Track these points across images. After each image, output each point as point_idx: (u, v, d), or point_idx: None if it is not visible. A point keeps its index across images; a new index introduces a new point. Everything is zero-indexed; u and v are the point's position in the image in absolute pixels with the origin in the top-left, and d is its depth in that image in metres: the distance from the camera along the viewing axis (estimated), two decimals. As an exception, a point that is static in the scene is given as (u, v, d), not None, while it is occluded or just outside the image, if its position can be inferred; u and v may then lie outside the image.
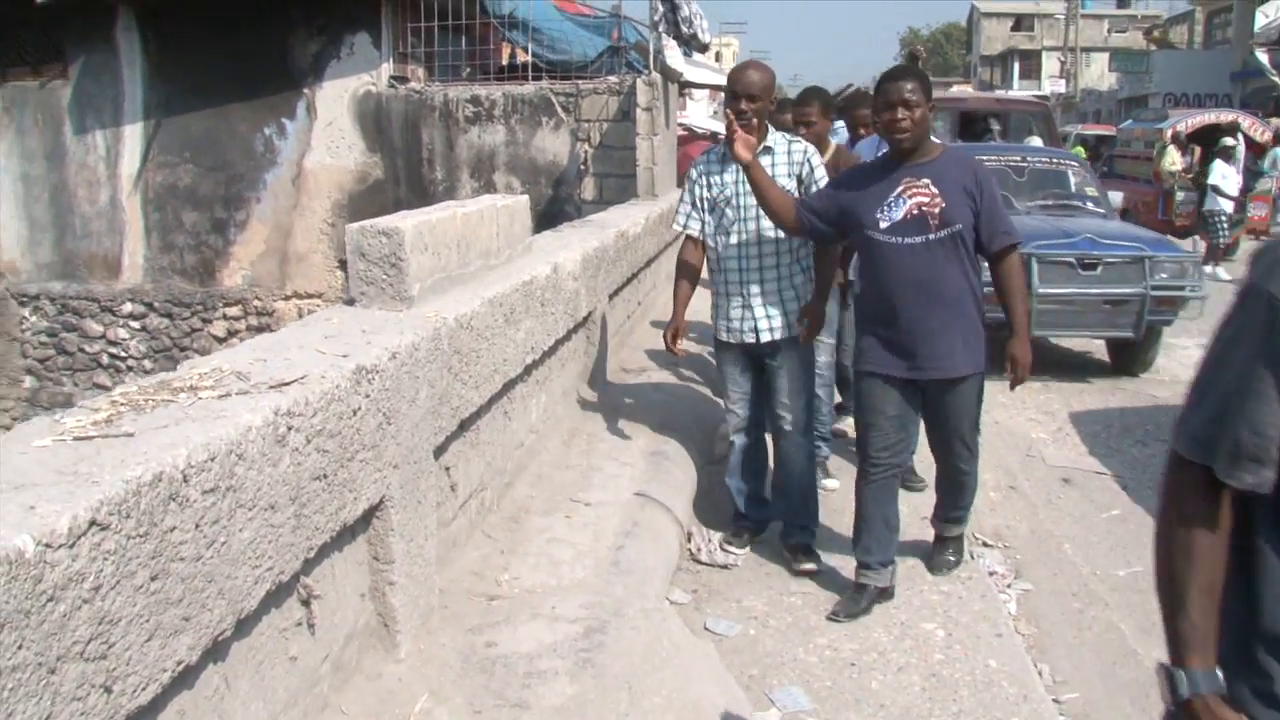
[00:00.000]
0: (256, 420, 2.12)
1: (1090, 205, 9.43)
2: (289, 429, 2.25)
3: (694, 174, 4.72)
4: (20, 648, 1.49)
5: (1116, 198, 14.03)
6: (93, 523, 1.63)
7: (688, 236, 4.78)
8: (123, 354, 10.79)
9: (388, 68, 10.22)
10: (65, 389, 10.87)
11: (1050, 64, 55.84)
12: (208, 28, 10.19)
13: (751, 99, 4.41)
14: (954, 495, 4.50)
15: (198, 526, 1.91)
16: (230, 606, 2.04)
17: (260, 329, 9.65)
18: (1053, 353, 9.17)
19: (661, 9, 9.28)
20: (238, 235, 10.59)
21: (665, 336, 4.80)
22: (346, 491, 2.56)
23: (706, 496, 5.20)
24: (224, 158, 10.44)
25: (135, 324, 10.74)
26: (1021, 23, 64.10)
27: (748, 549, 4.80)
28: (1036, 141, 14.91)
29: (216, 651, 2.07)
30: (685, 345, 4.88)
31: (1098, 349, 9.30)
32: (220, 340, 10.50)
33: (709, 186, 4.62)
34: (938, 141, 4.30)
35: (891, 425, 4.19)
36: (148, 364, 10.65)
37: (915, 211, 3.97)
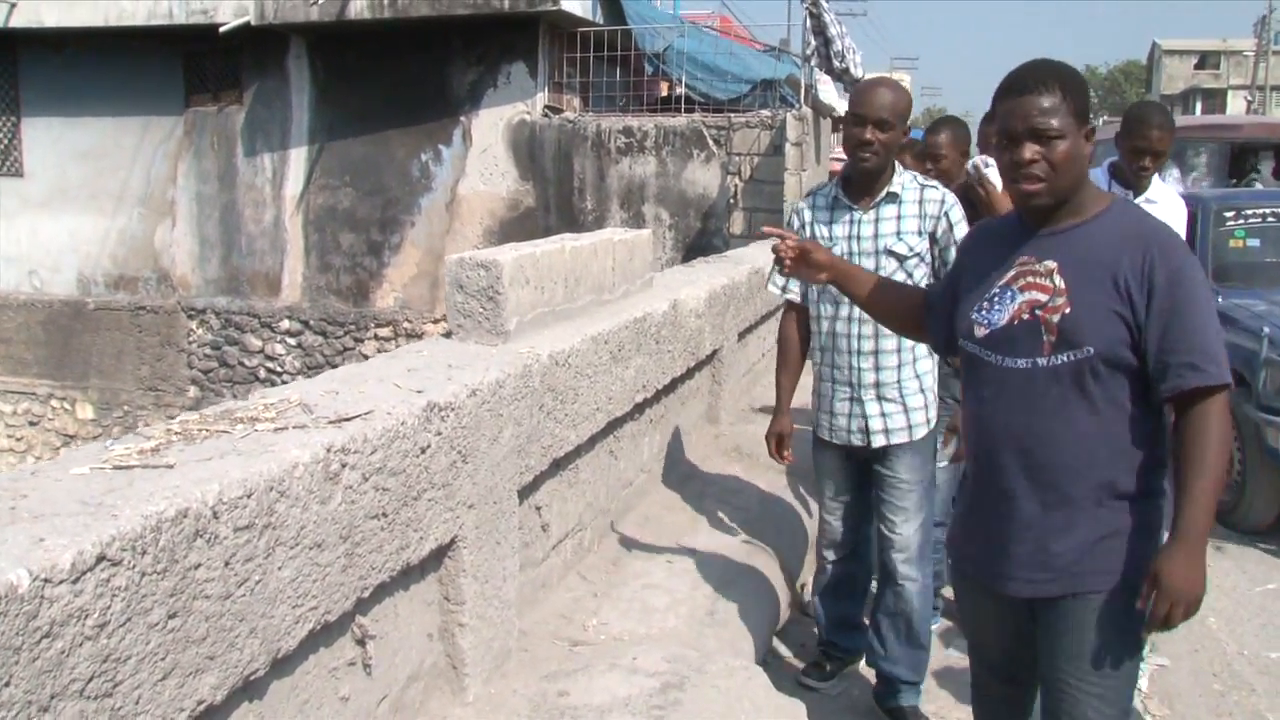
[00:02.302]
0: (305, 456, 2.08)
1: None
2: (343, 466, 2.20)
3: (796, 221, 3.81)
4: (7, 684, 1.46)
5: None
6: (101, 558, 1.60)
7: (788, 303, 3.92)
8: (279, 369, 11.16)
9: (542, 97, 10.34)
10: (225, 400, 11.30)
11: (1236, 103, 53.29)
12: (372, 57, 10.51)
13: (881, 125, 3.48)
14: None
15: (227, 564, 1.86)
16: (264, 646, 1.99)
17: (409, 350, 9.83)
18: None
19: (814, 43, 9.14)
20: (391, 258, 10.85)
21: (769, 444, 3.93)
22: (410, 531, 2.51)
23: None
24: (382, 182, 10.72)
25: (291, 340, 11.10)
26: (1206, 60, 61.45)
27: (832, 681, 4.08)
28: None
29: (250, 690, 2.02)
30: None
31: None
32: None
33: (813, 239, 3.51)
34: (1101, 190, 2.56)
35: (1000, 654, 2.73)
36: (301, 379, 10.97)
37: (1026, 315, 2.40)
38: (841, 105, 11.59)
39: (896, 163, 3.68)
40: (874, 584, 4.03)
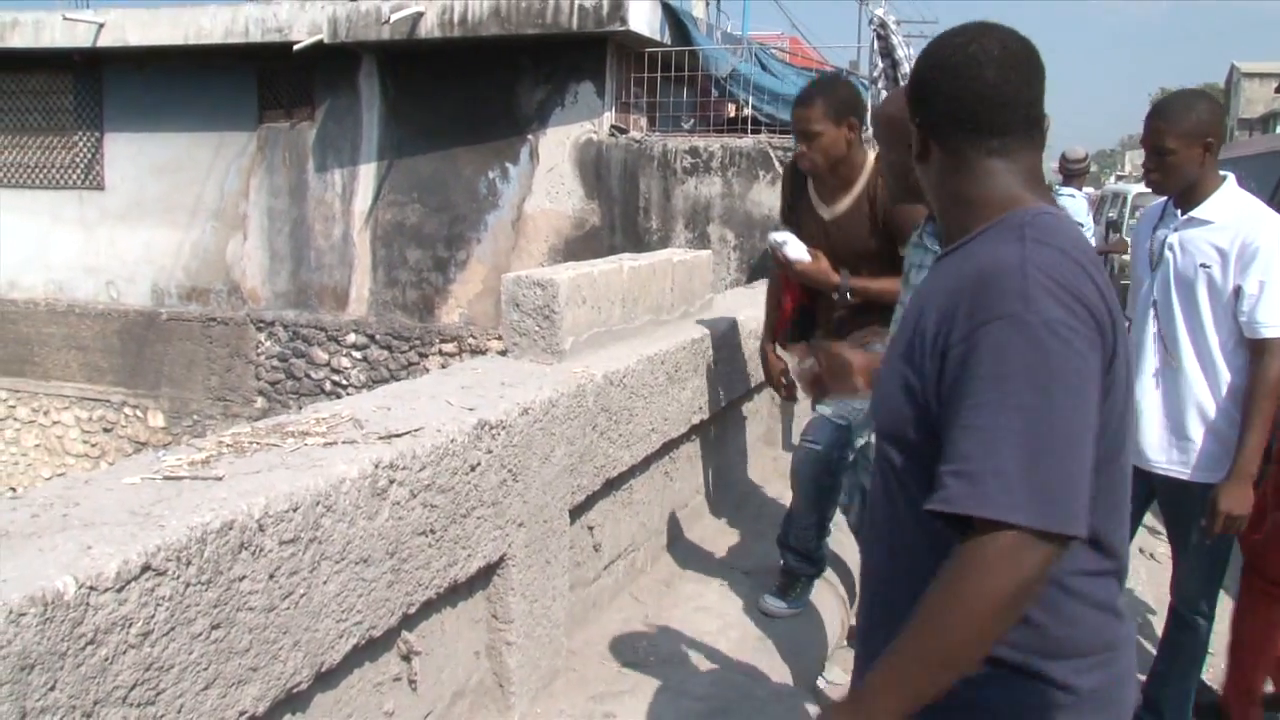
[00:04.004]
0: (352, 472, 2.09)
1: None
2: (390, 482, 2.21)
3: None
4: (52, 689, 1.48)
5: None
6: (146, 567, 1.62)
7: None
8: (344, 382, 11.28)
9: (609, 116, 10.37)
10: (291, 412, 11.45)
11: (1318, 126, 51.91)
12: (441, 75, 10.62)
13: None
14: None
15: (271, 577, 1.88)
16: (308, 659, 2.00)
17: (473, 366, 9.89)
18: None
19: (881, 65, 9.07)
20: (457, 274, 10.93)
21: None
22: (459, 548, 2.51)
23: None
24: (449, 199, 10.81)
25: (357, 354, 11.22)
26: (1287, 82, 59.93)
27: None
28: None
29: (293, 703, 2.04)
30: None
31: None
32: (434, 374, 10.82)
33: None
34: (1015, 192, 1.60)
35: None
36: (356, 394, 11.09)
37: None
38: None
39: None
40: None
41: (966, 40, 1.55)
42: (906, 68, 9.22)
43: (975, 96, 1.53)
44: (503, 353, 3.45)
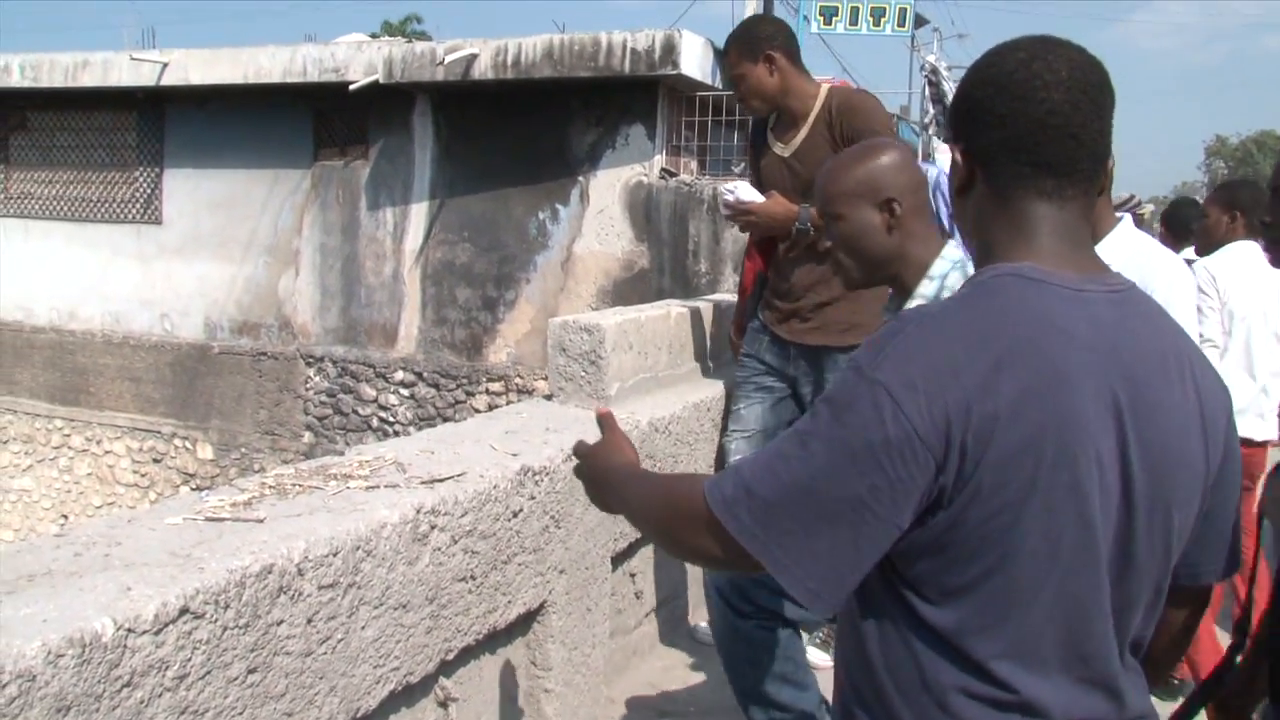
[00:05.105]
0: (393, 517, 2.08)
1: None
2: (432, 527, 2.20)
3: None
4: (86, 734, 1.48)
5: None
6: (184, 610, 1.61)
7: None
8: (391, 419, 11.34)
9: (659, 159, 10.41)
10: (338, 447, 11.52)
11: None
12: (494, 116, 10.72)
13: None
14: None
15: (309, 621, 1.87)
16: (344, 705, 1.98)
17: (518, 405, 9.90)
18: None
19: (933, 111, 9.06)
20: (506, 314, 10.98)
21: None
22: (499, 594, 2.49)
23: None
24: (499, 239, 10.88)
25: (405, 391, 11.28)
26: (1349, 131, 59.11)
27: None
28: None
29: (328, 749, 2.02)
30: None
31: None
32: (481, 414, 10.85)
33: None
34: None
35: None
36: (412, 430, 11.14)
37: None
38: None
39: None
40: None
41: (1029, 56, 1.28)
42: (958, 114, 9.19)
43: (1036, 124, 1.27)
44: (548, 396, 3.44)
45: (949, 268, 2.18)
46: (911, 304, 2.18)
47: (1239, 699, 1.71)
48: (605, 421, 1.69)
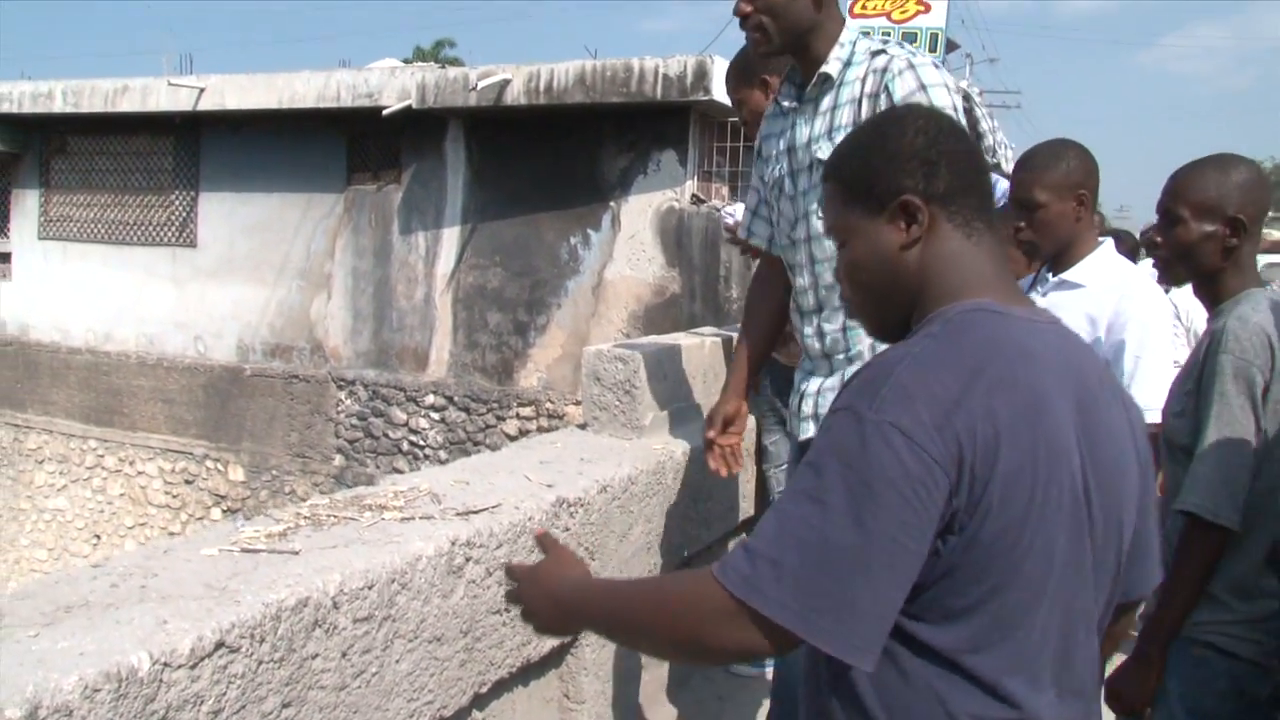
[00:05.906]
0: (429, 549, 2.07)
1: None
2: (467, 560, 2.18)
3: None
4: (122, 770, 1.46)
5: None
6: (220, 644, 1.60)
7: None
8: (421, 443, 11.36)
9: (691, 185, 10.41)
10: (368, 470, 11.55)
11: None
12: (526, 141, 10.76)
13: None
14: None
15: (344, 655, 1.85)
16: (378, 740, 1.97)
17: (550, 430, 9.89)
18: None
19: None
20: (537, 338, 10.99)
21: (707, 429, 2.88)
22: (532, 626, 2.47)
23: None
24: (530, 263, 10.90)
25: (435, 415, 11.30)
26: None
27: None
28: None
29: (361, 784, 2.00)
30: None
31: None
32: (511, 438, 10.85)
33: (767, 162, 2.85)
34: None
35: None
36: (443, 454, 11.14)
37: None
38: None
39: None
40: None
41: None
42: (990, 140, 9.15)
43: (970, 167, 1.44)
44: (582, 426, 3.43)
45: (856, 35, 2.47)
46: (826, 69, 2.48)
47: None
48: (544, 541, 1.64)
